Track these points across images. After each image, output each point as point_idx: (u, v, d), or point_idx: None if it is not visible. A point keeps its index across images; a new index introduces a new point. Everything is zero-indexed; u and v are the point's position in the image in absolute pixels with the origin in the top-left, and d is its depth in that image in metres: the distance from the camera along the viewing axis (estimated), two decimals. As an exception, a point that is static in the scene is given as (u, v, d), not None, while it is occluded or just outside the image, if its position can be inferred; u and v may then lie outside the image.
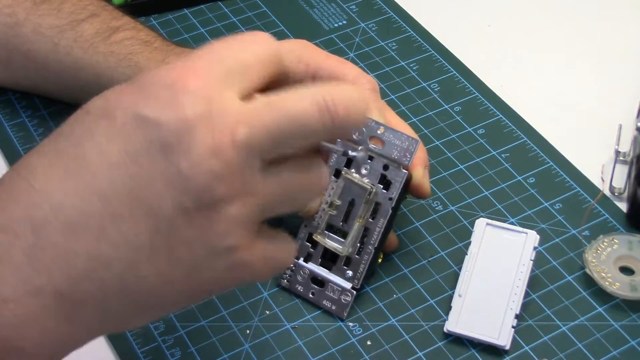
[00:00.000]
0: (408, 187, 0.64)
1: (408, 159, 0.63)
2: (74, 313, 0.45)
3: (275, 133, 0.45)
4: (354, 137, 0.64)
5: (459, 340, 0.63)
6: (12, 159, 0.75)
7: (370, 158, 0.64)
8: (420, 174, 0.65)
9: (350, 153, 0.64)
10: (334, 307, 0.64)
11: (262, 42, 0.49)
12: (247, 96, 0.46)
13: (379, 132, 0.63)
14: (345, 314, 0.64)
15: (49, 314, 0.45)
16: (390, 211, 0.63)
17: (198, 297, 0.50)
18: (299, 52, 0.67)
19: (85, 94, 0.75)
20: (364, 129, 0.63)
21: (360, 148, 0.64)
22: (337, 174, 0.64)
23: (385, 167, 0.63)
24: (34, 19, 0.74)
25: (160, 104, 0.44)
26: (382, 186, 0.63)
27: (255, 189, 0.46)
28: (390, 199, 0.63)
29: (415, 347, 0.63)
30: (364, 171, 0.64)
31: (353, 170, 0.64)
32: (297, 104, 0.46)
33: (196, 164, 0.44)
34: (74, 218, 0.44)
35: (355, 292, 0.64)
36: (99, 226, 0.44)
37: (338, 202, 0.64)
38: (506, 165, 0.74)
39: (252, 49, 0.48)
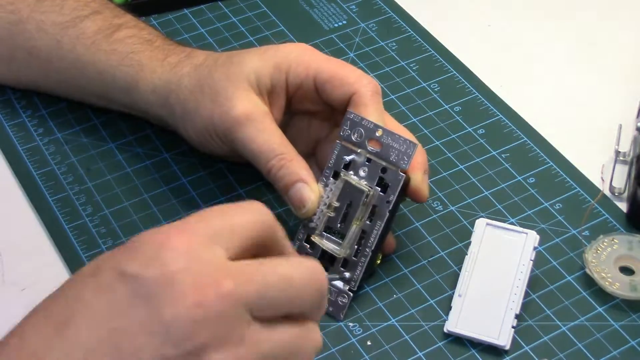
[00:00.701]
0: (406, 191, 0.64)
1: (406, 162, 0.63)
2: None
3: (263, 290, 0.46)
4: (353, 139, 0.64)
5: (459, 340, 0.63)
6: (12, 159, 0.75)
7: (369, 160, 0.64)
8: (419, 179, 0.64)
9: (348, 157, 0.64)
10: (330, 309, 0.64)
11: (254, 211, 0.49)
12: (234, 256, 0.47)
13: (377, 134, 0.63)
14: (342, 316, 0.64)
15: None
16: (388, 214, 0.63)
17: None
18: (299, 55, 0.67)
19: (87, 91, 0.76)
20: (362, 131, 0.63)
21: (359, 151, 0.64)
22: (336, 175, 0.64)
23: (384, 170, 0.63)
24: (37, 15, 0.75)
25: (144, 261, 0.45)
26: (379, 189, 0.63)
27: (244, 339, 0.46)
28: (388, 201, 0.63)
29: (415, 347, 0.63)
30: (362, 173, 0.64)
31: (351, 172, 0.64)
32: (289, 266, 0.48)
33: (178, 312, 0.44)
34: None
35: (352, 294, 0.64)
36: None
37: (336, 204, 0.64)
38: (506, 165, 0.74)
39: (242, 216, 0.49)
